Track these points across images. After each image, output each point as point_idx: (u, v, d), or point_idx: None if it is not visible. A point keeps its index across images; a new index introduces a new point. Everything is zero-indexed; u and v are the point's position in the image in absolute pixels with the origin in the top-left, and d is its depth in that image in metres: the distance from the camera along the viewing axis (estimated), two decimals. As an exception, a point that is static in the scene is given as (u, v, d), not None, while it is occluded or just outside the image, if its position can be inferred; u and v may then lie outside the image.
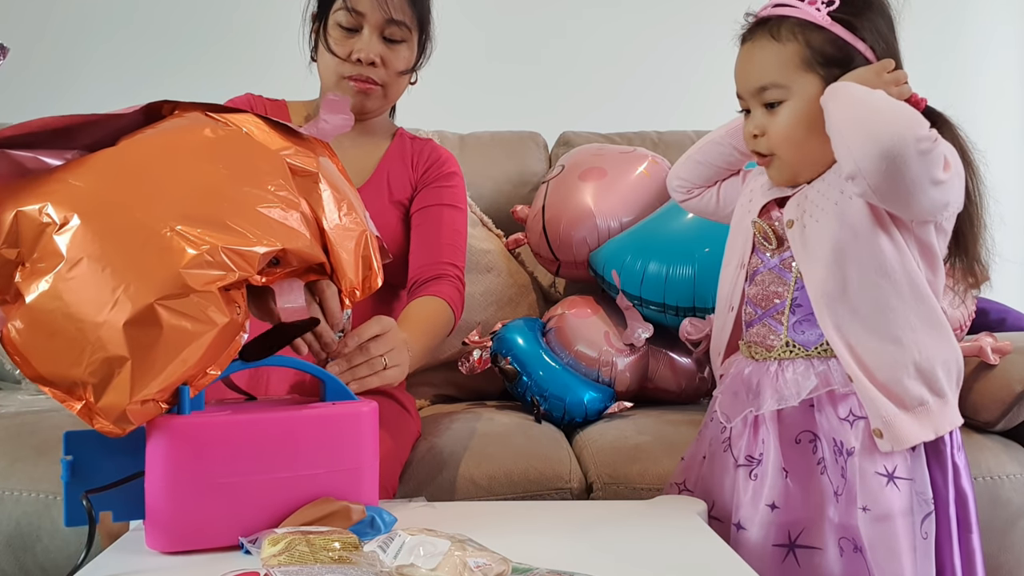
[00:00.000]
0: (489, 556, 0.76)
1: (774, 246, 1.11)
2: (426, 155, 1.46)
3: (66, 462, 0.85)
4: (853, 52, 1.04)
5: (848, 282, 1.04)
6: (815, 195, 1.07)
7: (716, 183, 1.28)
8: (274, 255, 0.85)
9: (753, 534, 1.07)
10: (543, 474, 1.33)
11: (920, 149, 0.92)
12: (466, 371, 1.66)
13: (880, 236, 1.02)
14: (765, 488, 1.08)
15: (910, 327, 1.03)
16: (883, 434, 1.02)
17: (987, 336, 1.46)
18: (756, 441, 1.10)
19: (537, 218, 1.81)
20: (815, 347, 1.08)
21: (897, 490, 1.02)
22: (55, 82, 2.36)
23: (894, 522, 1.01)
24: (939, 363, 1.05)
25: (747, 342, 1.16)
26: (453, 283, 1.37)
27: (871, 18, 1.06)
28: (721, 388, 1.19)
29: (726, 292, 1.19)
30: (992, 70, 2.64)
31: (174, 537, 0.85)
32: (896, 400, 1.03)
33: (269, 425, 0.88)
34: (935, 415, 1.04)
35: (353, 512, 0.88)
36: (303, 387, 1.24)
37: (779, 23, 1.06)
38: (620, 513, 1.07)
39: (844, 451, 1.05)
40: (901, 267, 1.03)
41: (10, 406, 1.52)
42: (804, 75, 1.05)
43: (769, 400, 1.08)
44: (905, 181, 0.94)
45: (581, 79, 2.50)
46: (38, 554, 1.25)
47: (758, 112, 1.09)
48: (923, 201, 0.97)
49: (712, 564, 0.87)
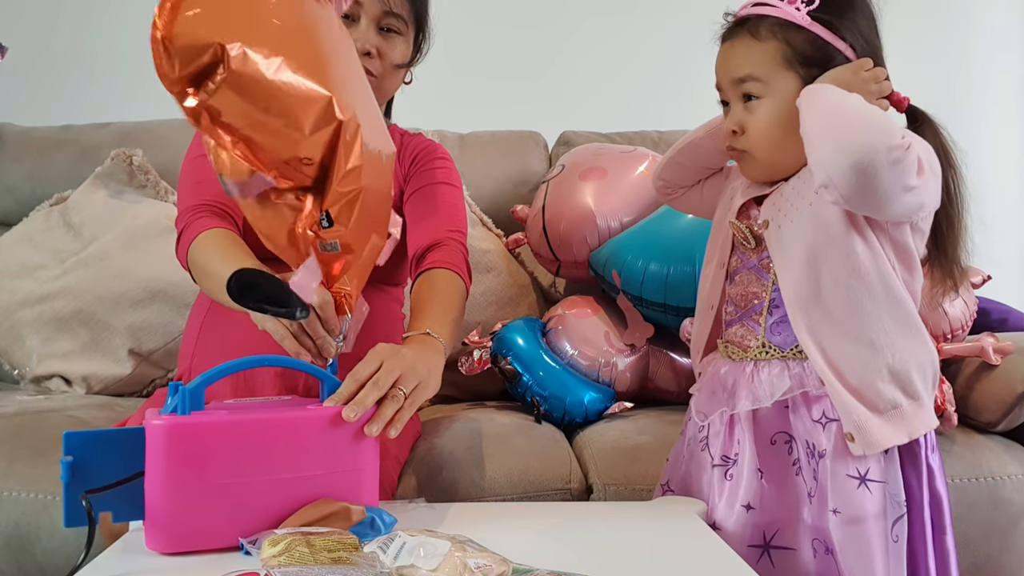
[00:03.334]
0: (489, 557, 0.76)
1: (753, 246, 1.10)
2: (414, 147, 1.45)
3: (66, 462, 0.85)
4: (833, 52, 1.04)
5: (822, 285, 1.03)
6: (791, 194, 1.07)
7: (699, 181, 1.27)
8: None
9: (728, 534, 1.06)
10: (543, 475, 1.33)
11: (892, 159, 0.91)
12: (466, 371, 1.66)
13: (854, 238, 1.01)
14: (741, 489, 1.07)
15: (884, 330, 1.02)
16: (855, 438, 1.01)
17: (989, 336, 1.45)
18: (732, 441, 1.10)
19: (537, 218, 1.80)
20: (790, 348, 1.07)
21: (869, 493, 1.02)
22: (55, 81, 2.36)
23: (866, 525, 1.01)
24: (913, 365, 1.04)
25: (725, 341, 1.15)
26: (455, 248, 1.31)
27: (852, 17, 1.05)
28: (698, 386, 1.19)
29: (706, 290, 1.19)
30: (992, 70, 2.63)
31: (174, 538, 0.85)
32: (869, 404, 1.02)
33: (269, 426, 0.88)
34: (909, 418, 1.03)
35: (353, 513, 0.88)
36: (293, 390, 1.23)
37: (759, 22, 1.06)
38: (620, 514, 1.07)
39: (816, 453, 1.05)
40: (875, 269, 1.02)
41: (9, 406, 1.52)
42: (783, 73, 1.05)
43: (744, 400, 1.08)
44: (877, 191, 0.93)
45: (581, 79, 2.49)
46: (37, 555, 1.24)
47: (737, 107, 1.08)
48: (896, 206, 0.97)
49: (712, 565, 0.87)
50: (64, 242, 1.83)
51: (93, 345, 1.74)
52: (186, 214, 1.21)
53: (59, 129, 2.04)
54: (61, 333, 1.74)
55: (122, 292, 1.75)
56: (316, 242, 0.96)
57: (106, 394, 1.73)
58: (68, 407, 1.53)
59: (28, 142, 2.01)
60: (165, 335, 1.76)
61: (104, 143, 1.95)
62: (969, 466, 1.35)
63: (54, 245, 1.83)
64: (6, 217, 1.95)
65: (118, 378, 1.74)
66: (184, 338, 1.36)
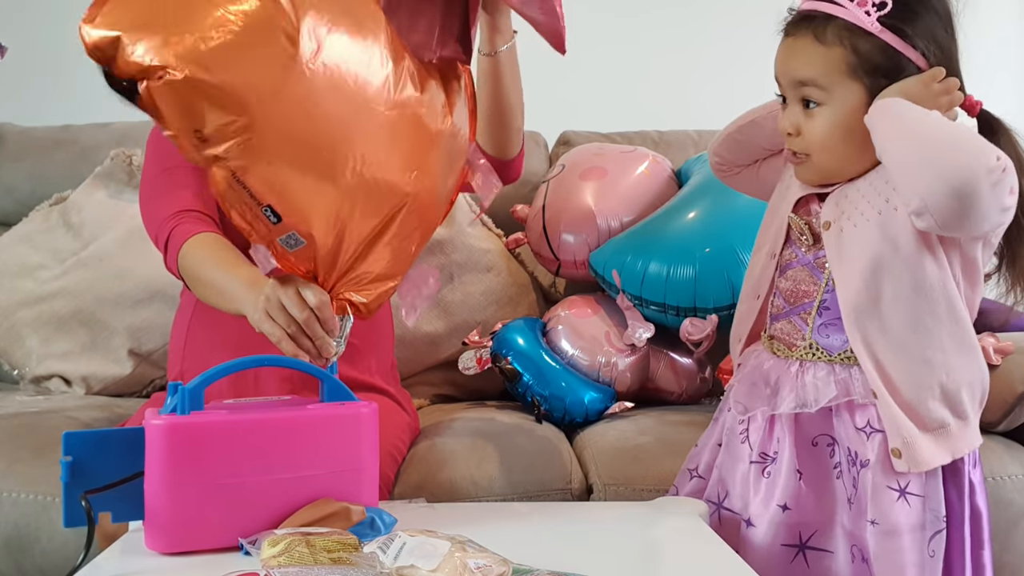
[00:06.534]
0: (489, 557, 0.76)
1: (811, 243, 1.07)
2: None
3: (65, 463, 0.85)
4: (904, 62, 0.98)
5: (882, 297, 1.00)
6: (856, 196, 1.02)
7: (756, 162, 1.21)
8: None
9: (762, 532, 1.05)
10: (544, 475, 1.33)
11: (992, 181, 0.88)
12: (466, 371, 1.66)
13: (924, 254, 0.98)
14: (777, 488, 1.05)
15: (941, 348, 1.00)
16: (902, 454, 0.99)
17: (989, 336, 1.45)
18: (771, 439, 1.08)
19: (537, 218, 1.80)
20: (839, 353, 1.04)
21: (908, 506, 1.00)
22: (55, 81, 2.36)
23: (902, 538, 0.99)
24: (964, 385, 1.01)
25: (770, 336, 1.12)
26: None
27: (926, 22, 0.98)
28: (738, 377, 1.16)
29: (754, 279, 1.15)
30: (992, 69, 2.63)
31: (173, 538, 0.85)
32: (917, 421, 1.00)
33: (269, 426, 0.88)
34: (955, 437, 1.01)
35: (353, 513, 0.87)
36: (291, 386, 1.22)
37: (825, 23, 0.99)
38: (621, 514, 1.07)
39: (858, 462, 1.03)
40: (941, 286, 0.99)
41: (8, 407, 1.52)
42: (847, 82, 0.99)
43: (787, 401, 1.05)
44: (975, 215, 0.90)
45: (581, 79, 2.49)
46: (36, 556, 1.24)
47: (795, 108, 1.03)
48: (987, 226, 0.94)
49: (713, 566, 0.87)
50: (64, 242, 1.83)
51: (93, 345, 1.74)
52: (167, 222, 1.19)
53: (59, 129, 2.03)
54: (61, 333, 1.73)
55: (122, 292, 1.75)
56: (274, 243, 0.95)
57: (106, 394, 1.73)
58: (68, 408, 1.53)
59: (28, 142, 2.00)
60: (165, 335, 1.75)
61: (104, 143, 1.95)
62: (969, 466, 1.35)
63: (54, 245, 1.83)
64: (6, 217, 1.95)
65: (118, 378, 1.74)
66: (171, 346, 1.36)
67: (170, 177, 1.22)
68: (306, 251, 0.96)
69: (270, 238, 0.95)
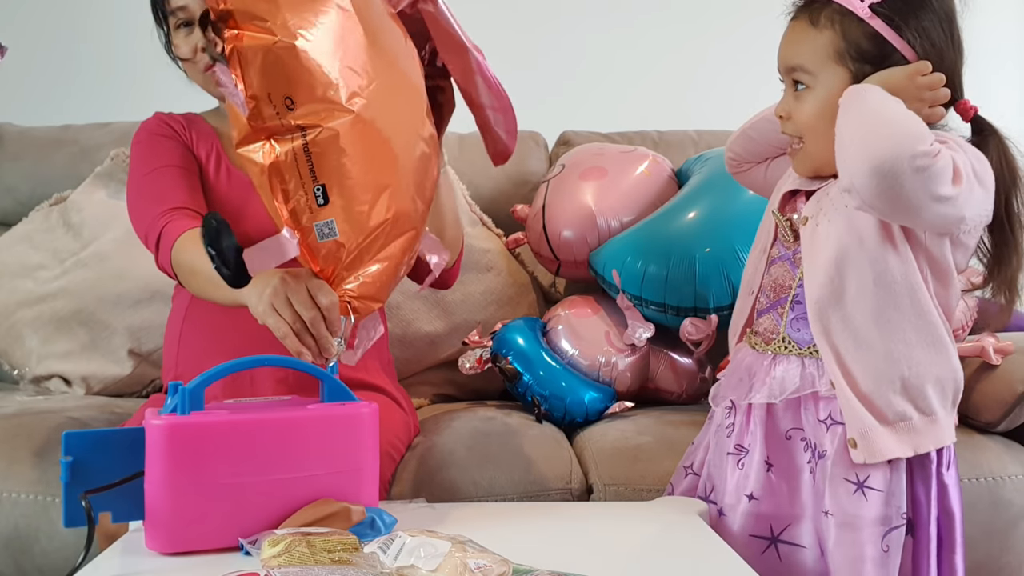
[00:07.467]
0: (490, 557, 0.76)
1: (791, 239, 1.09)
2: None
3: (65, 463, 0.85)
4: (890, 50, 1.00)
5: (846, 289, 1.02)
6: (835, 193, 1.04)
7: (767, 159, 1.23)
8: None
9: (732, 521, 1.07)
10: (544, 475, 1.33)
11: (916, 166, 0.89)
12: (466, 371, 1.66)
13: (886, 247, 1.00)
14: (749, 480, 1.07)
15: (904, 341, 1.01)
16: (858, 444, 1.00)
17: (989, 336, 1.45)
18: (747, 432, 1.10)
19: (537, 218, 1.80)
20: (808, 347, 1.06)
21: (865, 499, 1.00)
22: (55, 81, 2.36)
23: (859, 532, 1.00)
24: (930, 380, 1.02)
25: (753, 330, 1.14)
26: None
27: (919, 16, 1.00)
28: (726, 372, 1.18)
29: (749, 275, 1.17)
30: (993, 69, 2.63)
31: (173, 538, 0.85)
32: (877, 413, 1.01)
33: (269, 426, 0.88)
34: (918, 432, 1.01)
35: (353, 513, 0.87)
36: (287, 388, 1.22)
37: (820, 8, 1.02)
38: (621, 514, 1.07)
39: (817, 453, 1.04)
40: (904, 280, 1.00)
41: (8, 407, 1.52)
42: (834, 66, 1.02)
43: (758, 393, 1.07)
44: (901, 198, 0.91)
45: (581, 79, 2.49)
46: (36, 556, 1.24)
47: (788, 92, 1.07)
48: (928, 216, 0.94)
49: (713, 566, 0.87)
50: (64, 242, 1.83)
51: (92, 345, 1.74)
52: (159, 220, 1.18)
53: (59, 129, 2.03)
54: (60, 333, 1.73)
55: (122, 292, 1.75)
56: (310, 225, 0.93)
57: (106, 394, 1.73)
58: (67, 407, 1.52)
59: (28, 142, 2.00)
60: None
61: (104, 143, 1.95)
62: (969, 466, 1.35)
63: (54, 245, 1.83)
64: (6, 217, 1.95)
65: (118, 378, 1.74)
66: (165, 351, 1.35)
67: (159, 177, 1.22)
68: (332, 246, 0.94)
69: (305, 221, 0.93)
